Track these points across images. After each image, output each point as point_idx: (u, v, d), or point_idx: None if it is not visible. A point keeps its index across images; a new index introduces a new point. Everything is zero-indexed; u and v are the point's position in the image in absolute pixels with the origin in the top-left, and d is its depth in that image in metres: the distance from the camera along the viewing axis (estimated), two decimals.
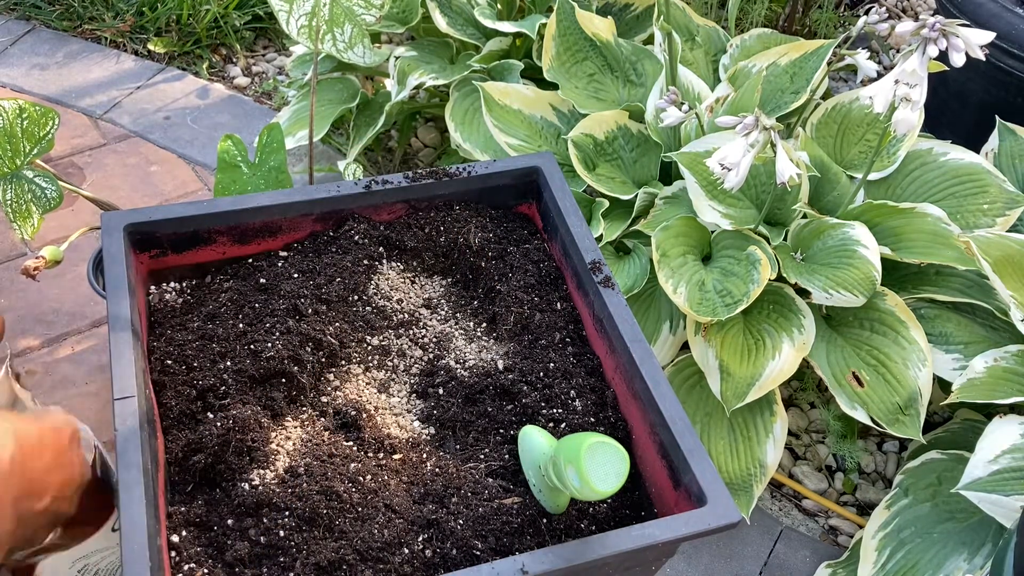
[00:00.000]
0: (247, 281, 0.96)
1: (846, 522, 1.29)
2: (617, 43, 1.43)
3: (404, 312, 0.97)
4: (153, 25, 1.97)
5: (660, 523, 0.74)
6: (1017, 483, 0.99)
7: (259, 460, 0.81)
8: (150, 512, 0.71)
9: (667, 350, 1.25)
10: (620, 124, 1.35)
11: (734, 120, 1.08)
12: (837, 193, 1.26)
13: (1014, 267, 1.12)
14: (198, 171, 1.70)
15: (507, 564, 0.70)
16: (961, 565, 1.06)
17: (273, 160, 1.19)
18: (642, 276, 1.23)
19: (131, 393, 0.78)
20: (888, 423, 1.12)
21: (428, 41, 1.60)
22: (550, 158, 1.05)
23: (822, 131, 1.35)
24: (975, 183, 1.26)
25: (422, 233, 1.02)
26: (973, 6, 1.50)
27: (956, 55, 0.98)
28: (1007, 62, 1.47)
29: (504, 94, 1.39)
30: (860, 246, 1.14)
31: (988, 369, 1.09)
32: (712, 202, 1.20)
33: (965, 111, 1.61)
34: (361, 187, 1.00)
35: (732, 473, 1.16)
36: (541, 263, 1.02)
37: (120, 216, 0.93)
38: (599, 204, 1.29)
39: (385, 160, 1.76)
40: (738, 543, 1.25)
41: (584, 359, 0.95)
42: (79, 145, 1.73)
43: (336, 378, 0.90)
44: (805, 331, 1.13)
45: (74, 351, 1.38)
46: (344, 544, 0.75)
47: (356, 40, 1.37)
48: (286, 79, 1.89)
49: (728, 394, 1.12)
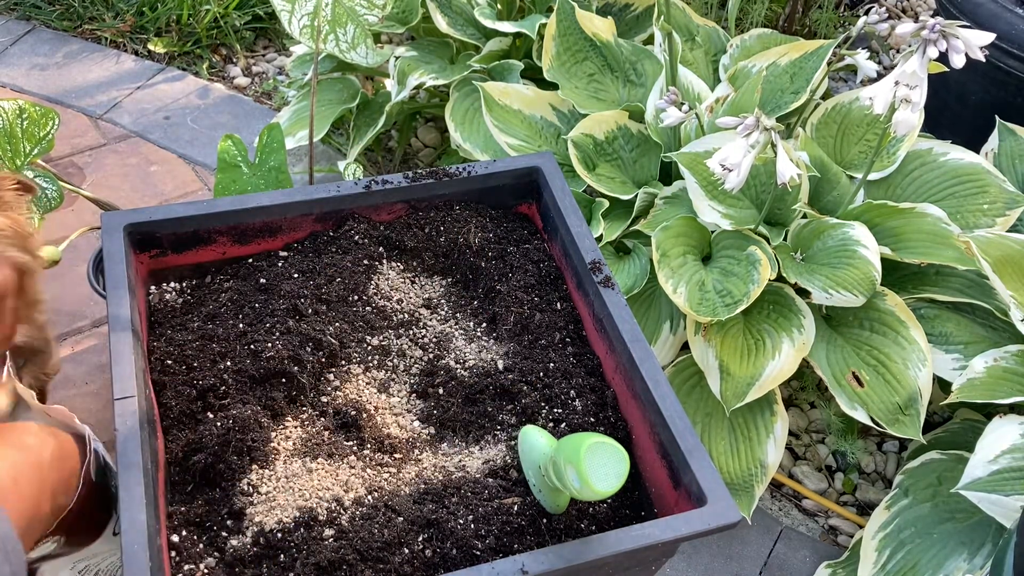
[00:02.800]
0: (247, 281, 0.96)
1: (846, 522, 1.29)
2: (617, 43, 1.43)
3: (404, 312, 0.97)
4: (153, 25, 1.97)
5: (660, 523, 0.74)
6: (1017, 483, 0.99)
7: (259, 460, 0.81)
8: (150, 512, 0.71)
9: (667, 350, 1.25)
10: (620, 124, 1.35)
11: (735, 121, 1.08)
12: (837, 193, 1.26)
13: (1014, 267, 1.12)
14: (198, 171, 1.70)
15: (507, 564, 0.70)
16: (961, 565, 1.06)
17: (273, 160, 1.19)
18: (642, 276, 1.23)
19: (131, 393, 0.78)
20: (888, 423, 1.12)
21: (428, 41, 1.60)
22: (550, 158, 1.05)
23: (822, 131, 1.35)
24: (975, 183, 1.26)
25: (422, 233, 1.02)
26: (973, 6, 1.50)
27: (956, 56, 0.98)
28: (1007, 62, 1.47)
29: (504, 94, 1.39)
30: (860, 246, 1.14)
31: (988, 369, 1.09)
32: (712, 202, 1.20)
33: (965, 111, 1.61)
34: (361, 187, 1.00)
35: (733, 473, 1.16)
36: (541, 263, 1.02)
37: (120, 216, 0.93)
38: (599, 204, 1.29)
39: (385, 160, 1.76)
40: (738, 543, 1.25)
41: (584, 359, 0.95)
42: (79, 145, 1.73)
43: (336, 378, 0.90)
44: (805, 331, 1.13)
45: (74, 351, 1.38)
46: (344, 544, 0.75)
47: (359, 40, 1.37)
48: (286, 79, 1.89)
49: (728, 394, 1.12)
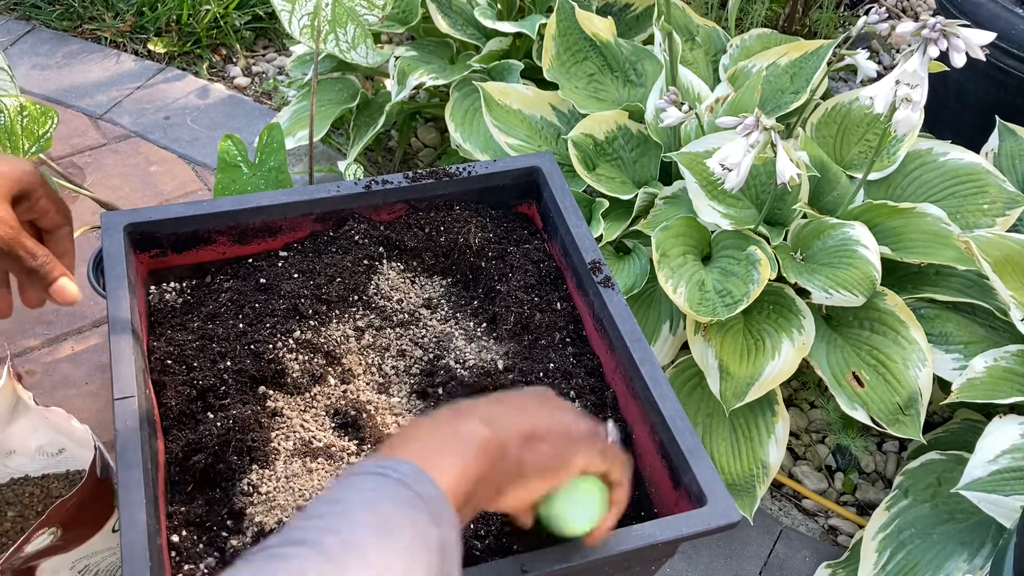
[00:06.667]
0: (247, 281, 0.96)
1: (846, 522, 1.29)
2: (617, 43, 1.43)
3: (404, 312, 0.97)
4: (153, 25, 1.97)
5: (660, 523, 0.74)
6: (1017, 483, 0.99)
7: (259, 460, 0.81)
8: (150, 512, 0.71)
9: (667, 350, 1.25)
10: (620, 124, 1.35)
11: (735, 120, 1.08)
12: (837, 193, 1.26)
13: (1014, 267, 1.12)
14: (198, 171, 1.70)
15: (507, 564, 0.70)
16: (961, 565, 1.06)
17: (273, 160, 1.19)
18: (642, 276, 1.23)
19: (131, 393, 0.78)
20: (888, 423, 1.12)
21: (428, 41, 1.60)
22: (550, 158, 1.05)
23: (822, 131, 1.35)
24: (975, 183, 1.26)
25: (422, 233, 1.02)
26: (973, 6, 1.50)
27: (956, 55, 0.98)
28: (1007, 62, 1.47)
29: (504, 94, 1.39)
30: (860, 246, 1.14)
31: (988, 369, 1.09)
32: (712, 202, 1.20)
33: (965, 111, 1.61)
34: (361, 187, 1.00)
35: (735, 474, 1.16)
36: (541, 263, 1.02)
37: (120, 216, 0.93)
38: (599, 204, 1.29)
39: (385, 160, 1.76)
40: (738, 543, 1.25)
41: (584, 359, 0.95)
42: (79, 145, 1.73)
43: (336, 378, 0.90)
44: (805, 331, 1.13)
45: (74, 351, 1.38)
46: None
47: (359, 40, 1.37)
48: (286, 79, 1.89)
49: (727, 394, 1.12)
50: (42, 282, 0.77)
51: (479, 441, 0.59)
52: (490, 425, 0.60)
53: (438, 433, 0.59)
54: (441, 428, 0.60)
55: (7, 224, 0.72)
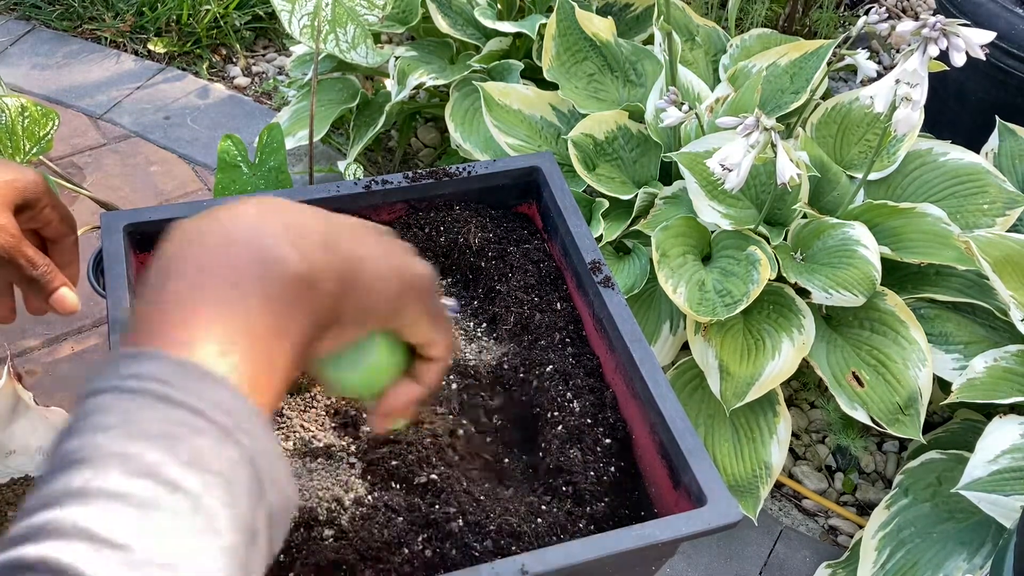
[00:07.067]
0: None
1: (846, 522, 1.29)
2: (617, 43, 1.43)
3: None
4: (153, 25, 1.97)
5: (660, 523, 0.74)
6: (1017, 483, 0.99)
7: None
8: None
9: (667, 350, 1.25)
10: (620, 124, 1.35)
11: (735, 121, 1.08)
12: (837, 193, 1.26)
13: (1014, 267, 1.12)
14: (198, 171, 1.70)
15: (507, 564, 0.70)
16: (961, 565, 1.06)
17: (273, 160, 1.19)
18: (642, 276, 1.23)
19: None
20: (888, 423, 1.12)
21: (428, 41, 1.60)
22: (550, 158, 1.05)
23: (822, 131, 1.35)
24: (975, 183, 1.26)
25: (422, 233, 1.02)
26: (973, 6, 1.50)
27: (957, 55, 0.98)
28: (1007, 62, 1.47)
29: (504, 94, 1.39)
30: (860, 246, 1.14)
31: (988, 369, 1.09)
32: (712, 202, 1.20)
33: (965, 111, 1.61)
34: (361, 187, 1.00)
35: (738, 475, 1.16)
36: (541, 263, 1.02)
37: (120, 216, 0.93)
38: (599, 204, 1.29)
39: (385, 160, 1.76)
40: (738, 543, 1.25)
41: (584, 359, 0.94)
42: (79, 145, 1.73)
43: None
44: (805, 331, 1.13)
45: (74, 351, 1.38)
46: (344, 544, 0.75)
47: (359, 40, 1.37)
48: (286, 79, 1.89)
49: (728, 394, 1.12)
50: (42, 291, 0.76)
51: (285, 276, 0.42)
52: (300, 248, 0.44)
53: (218, 267, 0.41)
54: (225, 253, 0.42)
55: (8, 232, 0.72)
